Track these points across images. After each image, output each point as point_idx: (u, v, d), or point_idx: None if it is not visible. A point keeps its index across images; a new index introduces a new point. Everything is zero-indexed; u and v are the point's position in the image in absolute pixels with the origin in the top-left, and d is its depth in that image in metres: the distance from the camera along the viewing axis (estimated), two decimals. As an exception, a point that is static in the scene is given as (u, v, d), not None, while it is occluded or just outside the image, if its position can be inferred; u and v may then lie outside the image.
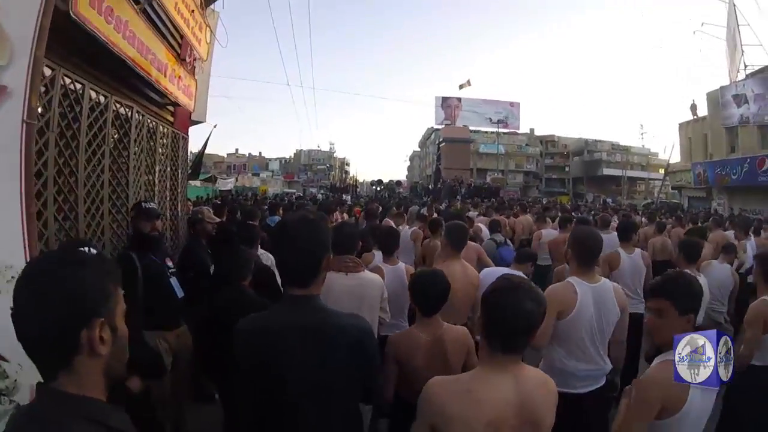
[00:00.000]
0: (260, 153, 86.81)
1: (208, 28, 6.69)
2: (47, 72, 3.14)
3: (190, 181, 27.39)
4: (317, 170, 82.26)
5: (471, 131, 61.08)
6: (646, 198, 48.81)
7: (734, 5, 26.96)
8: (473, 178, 51.09)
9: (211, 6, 7.84)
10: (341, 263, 3.32)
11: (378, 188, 43.16)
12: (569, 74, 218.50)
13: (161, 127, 5.73)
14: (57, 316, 1.05)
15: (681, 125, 35.20)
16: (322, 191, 46.29)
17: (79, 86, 3.66)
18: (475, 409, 1.75)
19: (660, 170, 60.61)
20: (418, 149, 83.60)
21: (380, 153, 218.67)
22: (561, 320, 3.09)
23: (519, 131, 65.32)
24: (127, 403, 1.54)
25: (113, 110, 4.26)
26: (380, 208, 11.82)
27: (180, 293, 3.84)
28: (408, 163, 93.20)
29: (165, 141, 5.92)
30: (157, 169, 5.59)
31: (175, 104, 6.48)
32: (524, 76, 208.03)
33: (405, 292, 3.80)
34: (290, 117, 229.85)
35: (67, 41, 3.52)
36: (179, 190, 6.45)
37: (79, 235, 3.68)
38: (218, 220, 5.04)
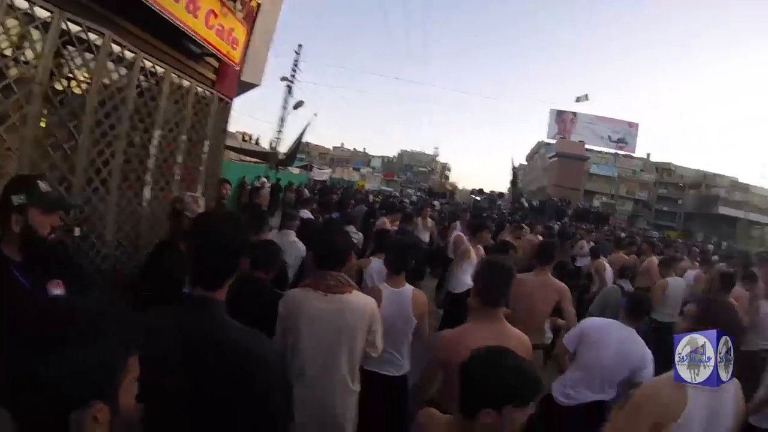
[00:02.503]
0: (364, 149, 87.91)
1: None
2: None
3: (289, 168, 27.17)
4: (417, 172, 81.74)
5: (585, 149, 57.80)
6: (760, 246, 43.84)
7: None
8: (580, 200, 48.21)
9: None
10: (321, 280, 2.72)
11: (478, 198, 41.58)
12: (693, 99, 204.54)
13: (174, 77, 4.10)
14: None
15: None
16: (418, 193, 45.68)
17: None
18: None
19: None
20: (525, 162, 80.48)
21: (484, 162, 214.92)
22: None
23: (634, 155, 61.97)
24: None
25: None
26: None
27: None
28: (512, 177, 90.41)
29: (183, 99, 4.28)
30: (156, 134, 3.96)
31: (219, 59, 4.89)
32: (644, 95, 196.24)
33: (406, 323, 3.41)
34: (398, 115, 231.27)
35: None
36: (202, 169, 4.79)
37: None
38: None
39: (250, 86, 6.16)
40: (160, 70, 3.91)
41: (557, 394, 3.56)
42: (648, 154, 64.04)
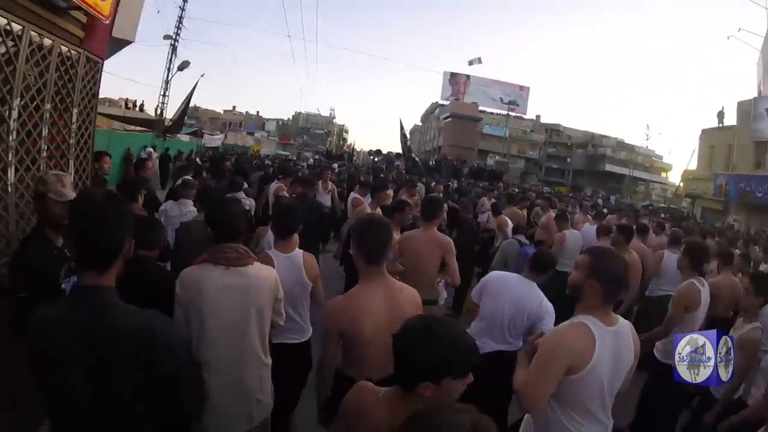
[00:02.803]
0: (258, 112, 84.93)
1: None
2: None
3: (178, 135, 25.41)
4: (314, 134, 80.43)
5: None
6: (644, 200, 48.93)
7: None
8: (475, 159, 49.72)
9: None
10: (220, 253, 2.52)
11: (376, 158, 41.63)
12: (581, 64, 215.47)
13: (35, 35, 3.47)
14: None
15: (704, 132, 33.78)
16: (316, 156, 45.17)
17: None
18: None
19: (663, 173, 61.55)
20: (420, 123, 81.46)
21: (380, 124, 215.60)
22: (570, 377, 2.27)
23: (525, 116, 65.01)
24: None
25: None
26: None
27: None
28: (408, 137, 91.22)
29: (45, 60, 3.65)
30: (16, 104, 3.36)
31: (87, 13, 4.21)
32: (535, 60, 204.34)
33: (302, 288, 3.38)
34: (291, 76, 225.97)
35: None
36: (73, 142, 4.17)
37: None
38: (71, 196, 2.89)
39: (124, 43, 5.37)
40: (16, 27, 3.29)
41: None
42: (538, 116, 67.65)
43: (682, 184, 36.94)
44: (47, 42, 3.65)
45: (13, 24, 3.23)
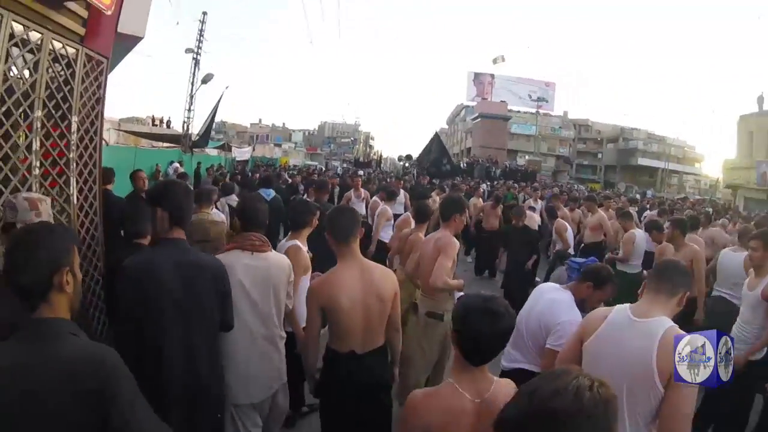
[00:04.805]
0: (284, 124, 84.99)
1: None
2: None
3: (204, 149, 25.07)
4: (341, 143, 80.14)
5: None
6: (678, 192, 47.09)
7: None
8: (505, 159, 48.79)
9: None
10: (246, 240, 3.07)
11: (406, 164, 41.03)
12: (606, 56, 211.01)
13: (18, 26, 2.81)
14: (40, 268, 1.52)
15: (742, 118, 32.16)
16: (344, 165, 45.05)
17: None
18: None
19: (695, 164, 59.51)
20: (446, 126, 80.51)
21: (405, 129, 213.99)
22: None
23: (553, 113, 64.03)
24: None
25: None
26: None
27: None
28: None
29: (33, 58, 3.01)
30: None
31: (88, 3, 3.58)
32: (559, 55, 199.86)
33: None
34: (315, 86, 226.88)
35: None
36: (72, 155, 3.49)
37: None
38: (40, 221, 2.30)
39: (133, 40, 4.65)
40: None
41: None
42: (565, 112, 66.70)
43: (722, 175, 35.69)
44: (35, 36, 2.99)
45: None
